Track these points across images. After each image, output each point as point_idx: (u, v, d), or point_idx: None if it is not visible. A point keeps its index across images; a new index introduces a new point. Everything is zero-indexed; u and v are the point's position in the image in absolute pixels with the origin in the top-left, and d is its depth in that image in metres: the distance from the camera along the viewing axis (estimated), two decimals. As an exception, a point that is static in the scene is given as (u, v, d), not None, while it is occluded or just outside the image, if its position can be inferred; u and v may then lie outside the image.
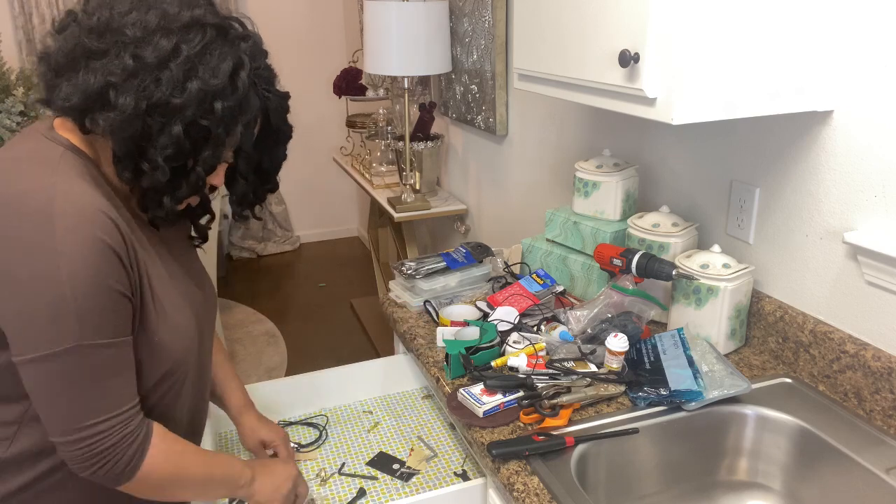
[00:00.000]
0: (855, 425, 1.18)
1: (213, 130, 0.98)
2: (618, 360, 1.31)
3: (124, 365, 0.96)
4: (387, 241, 3.69)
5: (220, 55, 0.97)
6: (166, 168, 0.97)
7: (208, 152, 1.00)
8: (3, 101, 2.74)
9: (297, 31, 4.70)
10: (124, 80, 0.93)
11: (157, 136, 0.95)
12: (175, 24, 0.95)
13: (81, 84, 0.94)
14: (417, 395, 1.64)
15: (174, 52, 0.94)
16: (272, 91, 1.06)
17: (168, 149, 0.96)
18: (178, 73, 0.94)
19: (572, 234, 1.70)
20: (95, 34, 0.95)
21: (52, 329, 0.89)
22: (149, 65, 0.93)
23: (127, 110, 0.93)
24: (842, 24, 1.16)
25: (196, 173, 1.00)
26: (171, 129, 0.95)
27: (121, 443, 0.95)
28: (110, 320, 0.93)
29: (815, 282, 1.32)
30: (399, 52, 2.58)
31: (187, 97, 0.95)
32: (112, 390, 0.95)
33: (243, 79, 0.99)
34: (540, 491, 1.05)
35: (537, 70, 1.40)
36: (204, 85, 0.95)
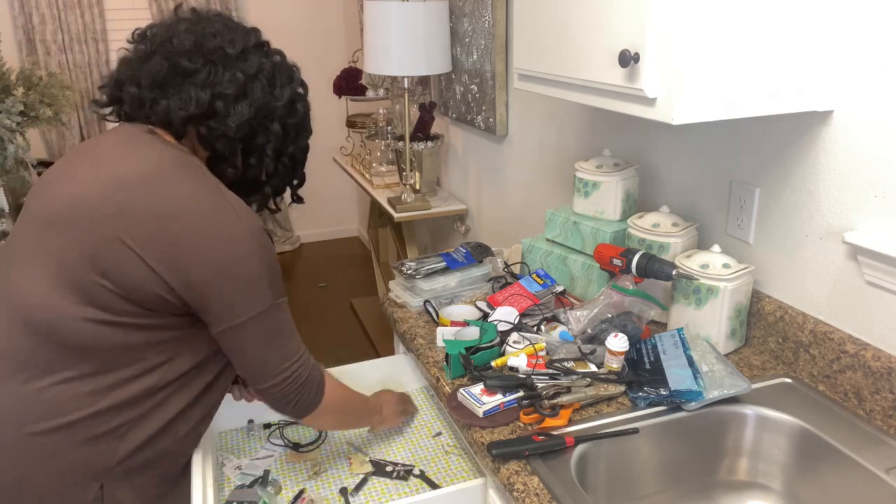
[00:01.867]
0: (855, 425, 1.18)
1: (294, 127, 1.24)
2: (618, 360, 1.31)
3: (291, 318, 1.18)
4: (387, 241, 3.69)
5: (287, 68, 1.24)
6: (273, 159, 1.22)
7: (291, 146, 1.25)
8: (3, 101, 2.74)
9: (297, 31, 4.70)
10: (237, 90, 1.14)
11: (259, 135, 1.19)
12: (251, 44, 1.19)
13: (194, 97, 1.13)
14: (417, 394, 1.64)
15: (260, 66, 1.18)
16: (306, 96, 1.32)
17: (270, 144, 1.21)
18: (265, 82, 1.18)
19: (572, 234, 1.70)
20: (187, 56, 1.13)
21: (255, 295, 1.09)
22: (250, 76, 1.16)
23: (244, 115, 1.15)
24: (842, 24, 1.16)
25: (283, 163, 1.26)
26: (271, 128, 1.20)
27: (312, 375, 1.19)
28: (281, 283, 1.15)
29: (815, 282, 1.32)
30: (399, 52, 2.58)
31: (283, 99, 1.20)
32: (294, 337, 1.17)
33: (303, 86, 1.27)
34: (540, 491, 1.05)
35: (537, 70, 1.40)
36: (289, 91, 1.22)
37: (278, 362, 1.15)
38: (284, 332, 1.15)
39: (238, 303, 1.09)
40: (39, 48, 4.07)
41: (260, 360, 1.14)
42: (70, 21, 4.09)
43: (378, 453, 1.44)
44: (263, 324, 1.11)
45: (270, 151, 1.21)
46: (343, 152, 3.87)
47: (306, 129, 1.28)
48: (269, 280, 1.11)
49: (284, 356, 1.15)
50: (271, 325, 1.13)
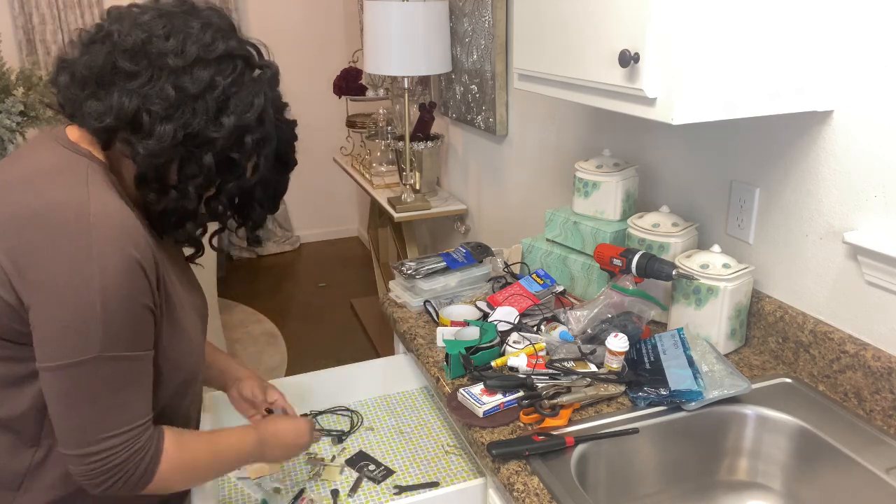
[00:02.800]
0: (855, 425, 1.18)
1: (240, 162, 1.02)
2: (618, 360, 1.31)
3: (141, 379, 0.97)
4: (387, 241, 3.69)
5: (252, 91, 1.01)
6: (194, 195, 1.01)
7: (232, 183, 1.04)
8: (3, 101, 2.74)
9: (297, 31, 4.70)
10: (165, 109, 0.95)
11: (187, 163, 0.99)
12: (211, 55, 0.98)
13: (116, 105, 0.95)
14: (417, 394, 1.64)
15: (211, 85, 0.97)
16: (282, 120, 1.10)
17: (198, 177, 1.00)
18: (212, 105, 0.97)
19: (572, 234, 1.70)
20: (129, 55, 0.95)
21: (77, 338, 0.89)
22: (189, 96, 0.96)
23: (166, 139, 0.95)
24: (842, 24, 1.16)
25: (219, 201, 1.05)
26: (203, 159, 0.99)
27: (131, 458, 0.95)
28: (133, 333, 0.94)
29: (815, 282, 1.32)
30: (399, 52, 2.58)
31: (222, 130, 0.98)
32: (127, 404, 0.95)
33: (270, 114, 1.03)
34: (540, 491, 1.05)
35: (537, 70, 1.40)
36: (239, 120, 0.99)
37: (84, 432, 0.92)
38: (108, 395, 0.92)
39: (56, 341, 0.89)
40: (39, 48, 4.07)
41: (64, 419, 0.92)
42: (70, 21, 4.09)
43: (373, 451, 1.43)
44: (79, 377, 0.90)
45: (193, 187, 1.00)
46: (343, 152, 3.87)
47: (261, 167, 1.06)
48: (103, 323, 0.89)
49: (94, 427, 0.92)
50: (89, 382, 0.91)
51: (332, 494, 1.31)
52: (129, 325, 0.92)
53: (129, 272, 0.91)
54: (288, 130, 1.11)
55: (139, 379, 0.96)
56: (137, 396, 0.96)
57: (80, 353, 0.89)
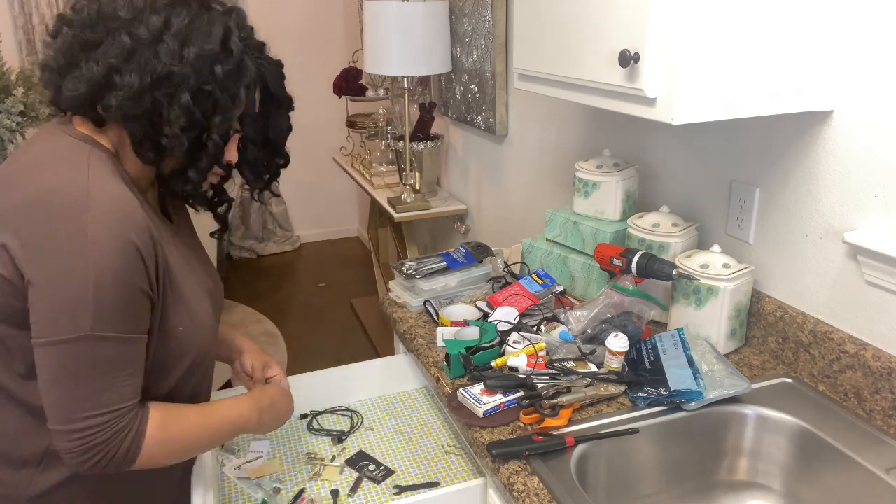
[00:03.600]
0: (855, 425, 1.18)
1: (219, 96, 1.02)
2: (618, 360, 1.31)
3: (132, 362, 0.98)
4: (387, 241, 3.69)
5: (209, 22, 1.01)
6: (183, 138, 1.01)
7: (219, 117, 1.03)
8: (3, 101, 2.74)
9: (297, 32, 4.70)
10: (125, 60, 0.97)
11: (168, 108, 0.99)
12: (161, 2, 1.00)
13: (86, 74, 0.97)
14: (417, 394, 1.64)
15: (166, 26, 0.98)
16: (264, 58, 1.11)
17: (181, 118, 1.00)
18: (173, 44, 0.98)
19: (572, 234, 1.70)
20: (89, 27, 0.99)
21: (69, 317, 0.92)
22: (144, 41, 0.97)
23: (133, 87, 0.96)
24: (842, 24, 1.16)
25: (213, 141, 1.04)
26: (180, 99, 0.99)
27: (113, 438, 0.96)
28: (126, 316, 0.95)
29: (815, 282, 1.32)
30: (399, 52, 2.57)
31: (187, 65, 0.98)
32: (114, 385, 0.96)
33: (236, 42, 1.03)
34: (540, 491, 1.05)
35: (537, 70, 1.40)
36: (200, 51, 0.99)
37: (69, 408, 0.94)
38: (96, 375, 0.94)
39: (49, 319, 0.92)
40: (39, 48, 4.07)
41: (51, 395, 0.95)
42: (70, 21, 4.09)
43: (373, 451, 1.43)
44: (68, 355, 0.93)
45: (179, 128, 1.00)
46: (343, 152, 3.87)
47: (241, 98, 1.04)
48: (94, 303, 0.91)
49: (79, 404, 0.94)
50: (78, 359, 0.93)
51: (332, 494, 1.31)
52: (121, 307, 0.94)
53: (124, 255, 0.93)
54: (272, 67, 1.12)
55: (129, 361, 0.97)
56: (125, 379, 0.97)
57: (70, 332, 0.92)
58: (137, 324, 0.97)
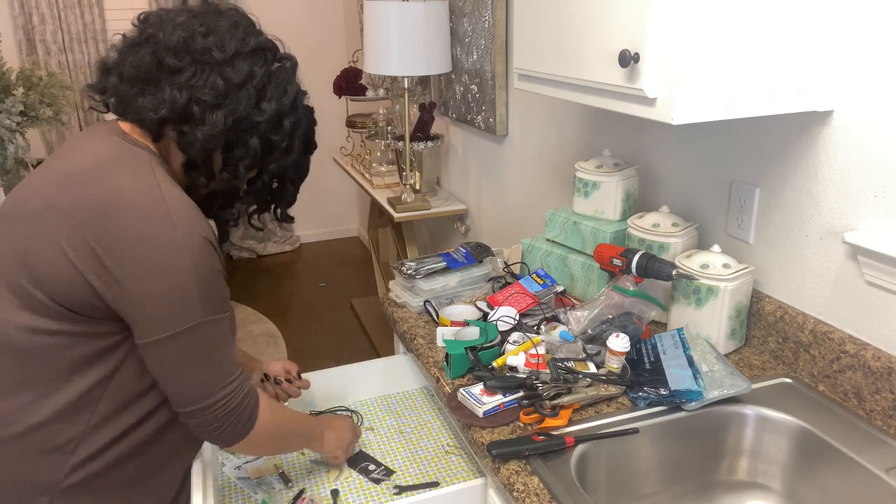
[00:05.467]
0: (855, 425, 1.18)
1: (279, 144, 1.15)
2: (618, 360, 1.31)
3: (230, 336, 1.09)
4: (387, 241, 3.69)
5: (284, 79, 1.13)
6: (244, 174, 1.13)
7: (274, 164, 1.17)
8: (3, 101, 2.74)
9: (297, 31, 4.70)
10: (215, 98, 1.06)
11: (235, 147, 1.11)
12: (246, 48, 1.09)
13: (169, 98, 1.05)
14: (417, 394, 1.64)
15: (250, 75, 1.09)
16: (307, 107, 1.22)
17: (246, 159, 1.12)
18: (253, 93, 1.09)
19: (572, 234, 1.70)
20: (173, 52, 1.06)
21: (181, 310, 1.01)
22: (235, 85, 1.07)
23: (218, 126, 1.07)
24: (842, 24, 1.16)
25: (262, 181, 1.18)
26: (249, 143, 1.11)
27: (242, 403, 1.09)
28: (222, 298, 1.06)
29: (815, 282, 1.32)
30: (399, 52, 2.57)
31: (266, 115, 1.10)
32: (227, 359, 1.08)
33: (301, 100, 1.17)
34: (540, 491, 1.05)
35: (537, 70, 1.40)
36: (278, 105, 1.12)
37: (203, 386, 1.05)
38: (214, 353, 1.05)
39: (161, 316, 1.00)
40: (39, 48, 4.07)
41: (183, 381, 1.04)
42: (70, 21, 4.09)
43: (373, 451, 1.43)
44: (189, 342, 1.02)
45: (243, 168, 1.12)
46: (343, 152, 3.87)
47: (295, 148, 1.18)
48: (200, 293, 1.01)
49: (211, 381, 1.06)
50: (199, 343, 1.03)
51: (332, 494, 1.31)
52: (217, 291, 1.05)
53: (208, 248, 1.03)
54: (310, 115, 1.22)
55: (229, 336, 1.09)
56: (231, 351, 1.09)
57: (187, 321, 1.01)
58: (227, 302, 1.08)
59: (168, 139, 1.10)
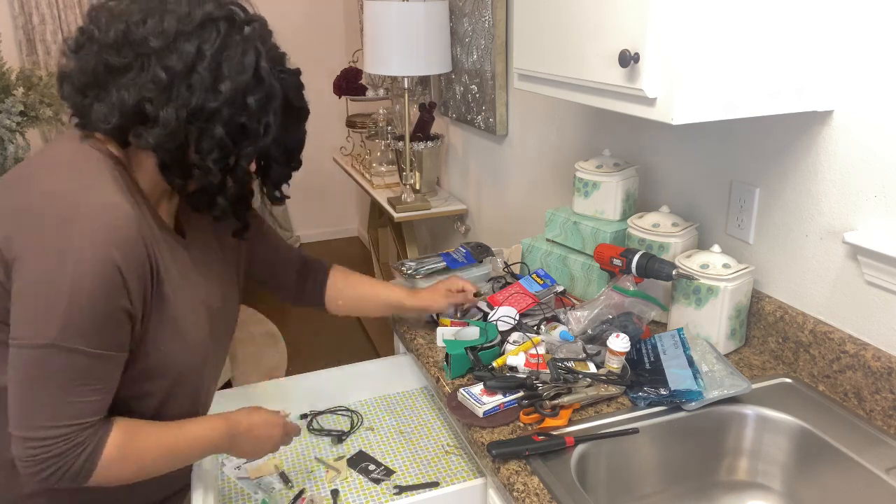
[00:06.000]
0: (855, 425, 1.18)
1: (250, 126, 1.01)
2: (618, 361, 1.31)
3: (100, 378, 0.95)
4: (387, 241, 3.69)
5: (240, 50, 0.98)
6: (216, 170, 1.01)
7: (249, 147, 1.03)
8: (3, 101, 2.74)
9: (297, 32, 4.70)
10: (160, 94, 0.95)
11: (200, 140, 0.99)
12: (191, 25, 0.96)
13: (117, 103, 0.96)
14: (417, 394, 1.64)
15: (198, 55, 0.96)
16: (286, 71, 1.08)
17: (214, 152, 0.99)
18: (206, 75, 0.96)
19: (572, 234, 1.70)
20: (114, 49, 0.95)
21: (38, 322, 0.90)
22: (179, 73, 0.95)
23: (170, 123, 0.95)
24: (842, 24, 1.16)
25: (241, 168, 1.04)
26: (214, 132, 0.98)
27: (68, 452, 0.94)
28: (98, 331, 0.92)
29: (815, 282, 1.32)
30: (399, 52, 2.57)
31: (223, 99, 0.97)
32: (77, 399, 0.93)
33: (265, 68, 1.01)
34: (540, 491, 1.05)
35: (537, 70, 1.40)
36: (235, 84, 0.98)
37: (31, 416, 0.92)
38: (54, 385, 0.92)
39: (22, 322, 0.91)
40: (39, 48, 4.07)
41: (17, 399, 0.93)
42: (70, 21, 4.09)
43: (373, 451, 1.43)
44: (33, 360, 0.91)
45: (212, 162, 1.00)
46: (343, 152, 3.87)
47: (273, 125, 1.04)
48: (66, 315, 0.89)
49: (41, 412, 0.92)
50: (43, 367, 0.91)
51: (332, 494, 1.31)
52: (93, 321, 0.91)
53: (103, 273, 0.91)
54: (291, 79, 1.08)
55: (97, 377, 0.94)
56: (89, 394, 0.94)
57: (37, 337, 0.90)
58: (112, 341, 0.95)
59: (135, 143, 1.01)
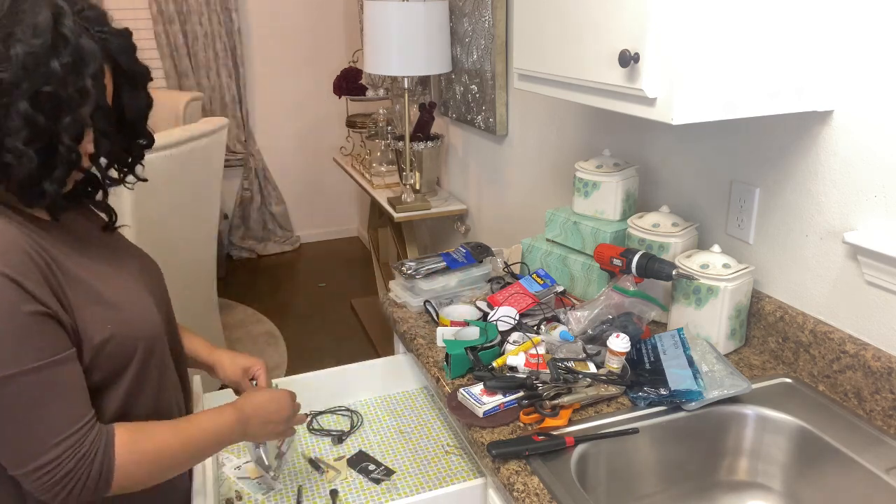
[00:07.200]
0: (855, 425, 1.18)
1: (63, 94, 0.87)
2: (618, 361, 1.31)
3: (64, 384, 0.90)
4: (387, 241, 3.69)
5: (32, 10, 0.85)
6: (31, 153, 0.86)
7: (68, 119, 0.88)
8: None
9: (297, 32, 4.70)
10: None
11: (4, 120, 0.85)
12: None
13: None
14: (417, 394, 1.64)
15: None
16: (108, 31, 0.95)
17: (23, 131, 0.85)
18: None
19: (572, 234, 1.70)
20: None
21: None
22: None
23: None
24: (842, 24, 1.16)
25: (64, 146, 0.89)
26: (18, 108, 0.85)
27: (80, 464, 0.90)
28: (28, 345, 0.86)
29: (815, 282, 1.32)
30: (399, 52, 2.58)
31: (17, 68, 0.84)
32: (54, 414, 0.89)
33: (69, 26, 0.87)
34: (540, 491, 1.05)
35: (537, 70, 1.40)
36: (29, 48, 0.84)
37: (24, 451, 0.88)
38: (28, 410, 0.87)
39: None
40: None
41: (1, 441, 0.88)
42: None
43: (373, 451, 1.43)
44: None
45: (21, 142, 0.85)
46: (343, 152, 3.87)
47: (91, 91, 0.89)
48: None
49: (31, 442, 0.88)
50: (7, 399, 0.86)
51: (331, 495, 1.31)
52: (13, 340, 0.85)
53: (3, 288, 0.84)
54: (119, 40, 0.95)
55: (60, 384, 0.89)
56: (62, 403, 0.90)
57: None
58: (47, 346, 0.88)
59: None
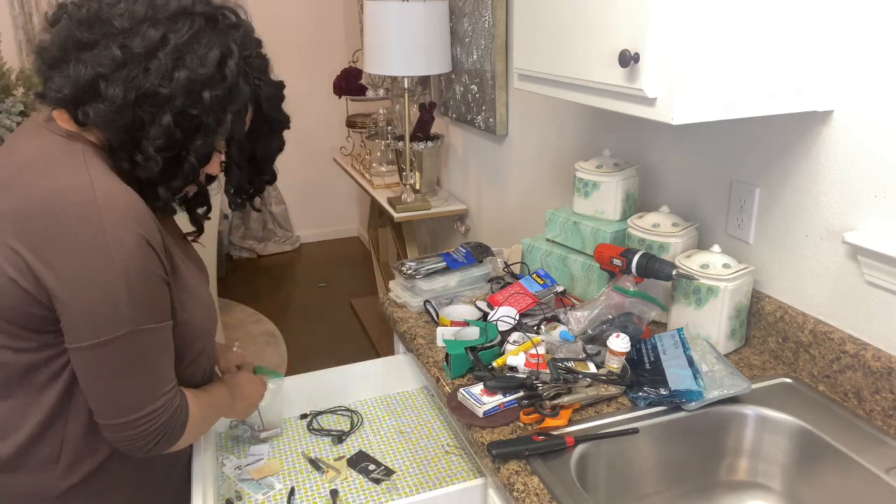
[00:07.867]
0: (855, 425, 1.18)
1: (203, 120, 1.00)
2: (618, 361, 1.31)
3: (167, 346, 1.02)
4: (387, 241, 3.69)
5: (207, 44, 0.98)
6: (159, 158, 0.99)
7: (199, 142, 1.01)
8: (3, 101, 2.74)
9: (297, 31, 4.70)
10: (113, 71, 0.95)
11: (149, 126, 0.97)
12: (163, 13, 0.97)
13: (73, 75, 0.96)
14: (417, 394, 1.64)
15: (162, 42, 0.96)
16: (264, 80, 1.08)
17: (159, 139, 0.98)
18: (166, 62, 0.96)
19: (572, 234, 1.70)
20: (86, 26, 0.96)
21: (107, 317, 0.94)
22: (136, 55, 0.95)
23: (116, 101, 0.95)
24: (842, 24, 1.16)
25: (189, 163, 1.02)
26: (161, 120, 0.97)
27: (171, 419, 1.02)
28: (156, 305, 0.99)
29: (815, 282, 1.32)
30: (399, 52, 2.58)
31: (175, 86, 0.96)
32: (159, 371, 1.01)
33: (231, 67, 1.00)
34: (540, 491, 1.05)
35: (537, 70, 1.40)
36: (191, 74, 0.97)
37: (128, 400, 0.98)
38: (144, 365, 0.98)
39: (87, 323, 0.93)
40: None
41: (106, 392, 0.97)
42: (70, 21, 4.09)
43: (373, 451, 1.43)
44: (116, 351, 0.95)
45: (153, 149, 0.98)
46: (343, 152, 3.87)
47: (226, 124, 1.02)
48: (129, 300, 0.94)
49: (138, 394, 0.99)
50: (127, 354, 0.96)
51: (331, 495, 1.31)
52: (151, 298, 0.97)
53: (142, 250, 0.95)
54: (271, 89, 1.09)
55: (165, 347, 1.02)
56: (167, 363, 1.02)
57: (112, 331, 0.94)
58: (165, 310, 1.01)
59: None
